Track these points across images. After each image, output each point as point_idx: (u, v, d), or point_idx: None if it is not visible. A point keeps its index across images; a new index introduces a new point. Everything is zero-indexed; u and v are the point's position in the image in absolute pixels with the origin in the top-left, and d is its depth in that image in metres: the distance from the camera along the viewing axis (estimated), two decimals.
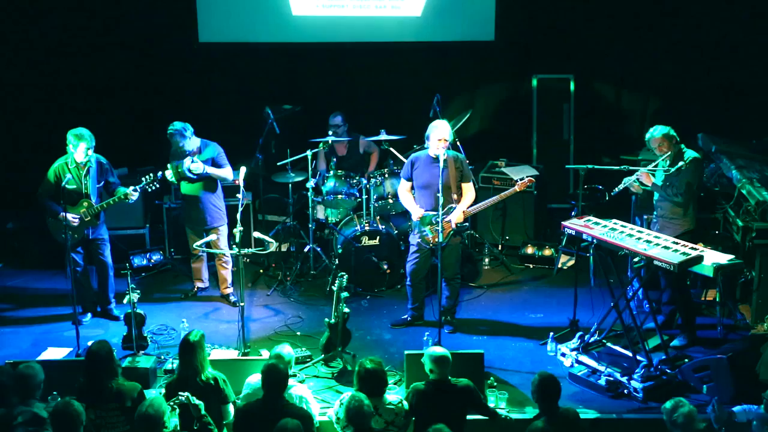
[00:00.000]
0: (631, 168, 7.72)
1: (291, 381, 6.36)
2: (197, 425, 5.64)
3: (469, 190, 7.89)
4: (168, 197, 9.66)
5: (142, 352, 7.49)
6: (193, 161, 8.25)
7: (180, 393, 5.72)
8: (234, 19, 10.54)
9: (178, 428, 5.64)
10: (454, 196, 7.81)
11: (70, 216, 7.76)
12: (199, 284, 8.81)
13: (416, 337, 7.80)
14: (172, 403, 5.66)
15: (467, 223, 7.98)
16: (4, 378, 6.02)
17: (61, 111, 10.19)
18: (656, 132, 7.55)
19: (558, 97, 10.79)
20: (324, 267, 9.19)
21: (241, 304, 7.55)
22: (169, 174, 8.41)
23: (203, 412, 5.69)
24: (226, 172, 8.41)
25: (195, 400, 5.67)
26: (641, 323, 7.42)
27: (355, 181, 9.13)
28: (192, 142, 8.31)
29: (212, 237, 8.21)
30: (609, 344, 7.46)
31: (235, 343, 7.64)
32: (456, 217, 7.75)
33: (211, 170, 8.33)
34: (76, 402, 5.55)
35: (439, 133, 7.64)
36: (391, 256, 8.90)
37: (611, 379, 7.03)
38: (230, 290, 8.65)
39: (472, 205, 7.89)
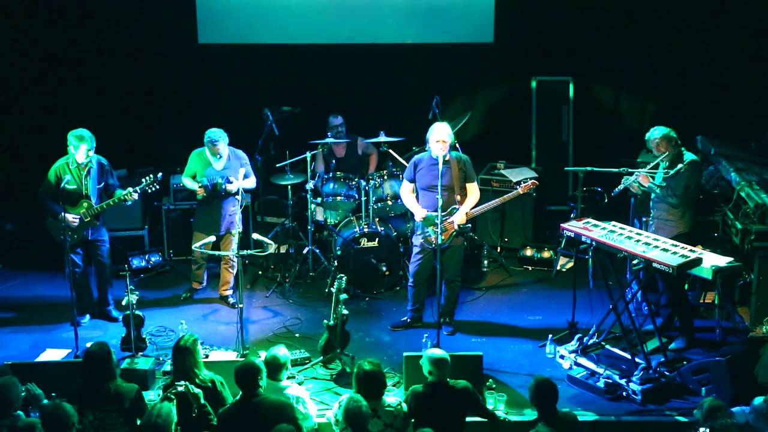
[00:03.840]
0: (630, 170, 7.73)
1: (287, 382, 6.38)
2: (196, 412, 5.65)
3: (473, 191, 7.90)
4: (167, 198, 9.65)
5: (141, 353, 7.49)
6: (229, 181, 8.15)
7: (177, 383, 5.72)
8: (233, 20, 10.54)
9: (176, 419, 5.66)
10: (457, 197, 7.82)
11: (69, 216, 7.75)
12: (196, 286, 8.77)
13: (415, 339, 7.81)
14: (169, 393, 5.66)
15: (469, 225, 7.98)
16: None
17: (61, 111, 10.18)
18: (656, 132, 7.58)
19: (557, 99, 10.79)
20: (323, 268, 9.19)
21: (240, 305, 7.55)
22: (202, 192, 8.23)
23: (203, 401, 5.69)
24: (252, 182, 8.40)
25: (194, 389, 5.68)
26: (640, 325, 7.43)
27: (354, 182, 9.13)
28: (225, 150, 8.25)
29: (211, 239, 8.12)
30: (608, 346, 7.47)
31: (233, 344, 7.64)
32: (459, 218, 7.75)
33: (245, 185, 8.27)
34: (67, 404, 5.53)
35: (437, 135, 7.66)
36: (390, 258, 8.90)
37: (610, 381, 7.03)
38: (230, 292, 8.64)
39: (475, 207, 7.90)
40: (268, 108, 9.47)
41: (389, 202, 9.11)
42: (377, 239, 8.86)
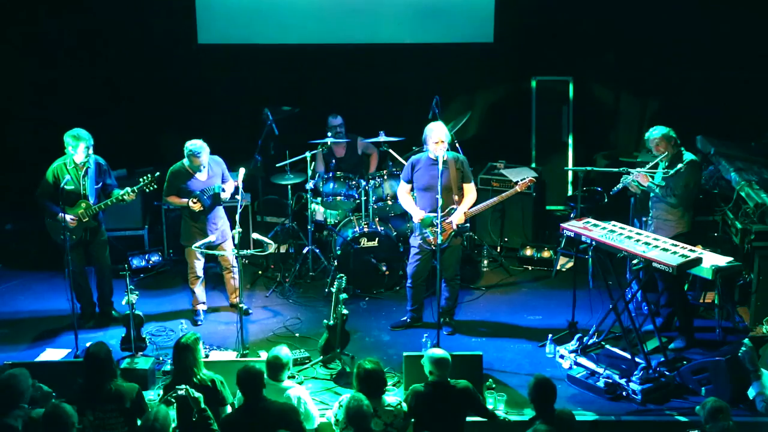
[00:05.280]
0: (629, 169, 7.74)
1: (288, 382, 6.38)
2: (196, 417, 5.65)
3: (470, 190, 7.90)
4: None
5: (141, 353, 7.48)
6: (223, 190, 8.03)
7: (178, 386, 5.71)
8: (233, 20, 10.54)
9: (176, 422, 5.65)
10: (455, 198, 7.82)
11: (68, 217, 7.73)
12: (201, 308, 8.42)
13: (415, 339, 7.81)
14: (169, 397, 5.65)
15: (468, 224, 7.99)
16: None
17: (60, 111, 10.17)
18: (656, 132, 7.59)
19: (557, 99, 10.80)
20: (323, 268, 9.19)
21: (240, 305, 7.54)
22: (198, 206, 7.98)
23: (203, 405, 5.69)
24: (233, 185, 8.19)
25: (194, 393, 5.67)
26: (640, 325, 7.43)
27: (354, 182, 9.13)
28: (206, 160, 8.05)
29: (211, 238, 8.07)
30: (607, 346, 7.47)
31: (233, 344, 7.63)
32: (457, 218, 7.75)
33: (230, 189, 8.14)
34: (67, 405, 5.53)
35: (436, 135, 7.65)
36: (390, 257, 8.90)
37: (610, 381, 7.03)
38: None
39: (473, 206, 7.90)
40: (268, 108, 9.46)
41: (389, 202, 9.12)
42: (377, 239, 8.86)
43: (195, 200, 7.99)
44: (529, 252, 9.54)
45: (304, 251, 9.22)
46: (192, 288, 8.36)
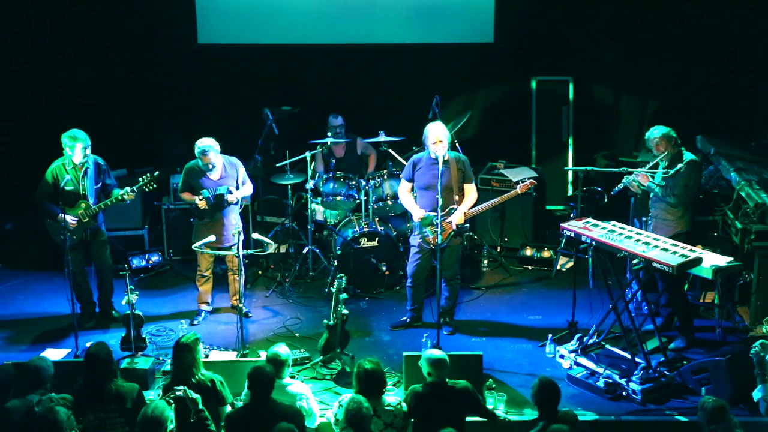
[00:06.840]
0: (629, 169, 7.75)
1: (289, 379, 6.38)
2: (194, 418, 5.64)
3: (471, 191, 7.90)
4: (167, 198, 9.65)
5: (141, 353, 7.48)
6: (229, 192, 7.98)
7: (176, 387, 5.71)
8: (233, 20, 10.54)
9: (174, 423, 5.64)
10: (456, 197, 7.82)
11: (68, 217, 7.73)
12: (204, 307, 8.43)
13: (415, 339, 7.81)
14: (168, 398, 5.66)
15: (467, 224, 7.99)
16: (3, 376, 6.03)
17: (60, 112, 10.18)
18: (656, 132, 7.59)
19: (557, 99, 10.80)
20: (323, 268, 9.19)
21: (240, 305, 7.54)
22: (203, 204, 7.99)
23: (201, 406, 5.69)
24: (250, 189, 8.24)
25: (192, 394, 5.67)
26: (640, 325, 7.43)
27: (354, 182, 9.13)
28: (218, 159, 8.06)
29: (211, 238, 8.03)
30: (607, 346, 7.47)
31: (233, 344, 7.64)
32: (457, 218, 7.75)
33: (244, 193, 8.15)
34: (62, 408, 5.53)
35: (434, 135, 7.66)
36: (390, 257, 8.90)
37: (610, 380, 7.03)
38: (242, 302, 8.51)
39: (473, 207, 7.90)
40: (268, 108, 9.47)
41: (389, 202, 9.12)
42: (377, 239, 8.86)
43: (201, 198, 8.01)
44: (529, 252, 9.54)
45: (304, 251, 9.22)
46: (198, 286, 8.38)
